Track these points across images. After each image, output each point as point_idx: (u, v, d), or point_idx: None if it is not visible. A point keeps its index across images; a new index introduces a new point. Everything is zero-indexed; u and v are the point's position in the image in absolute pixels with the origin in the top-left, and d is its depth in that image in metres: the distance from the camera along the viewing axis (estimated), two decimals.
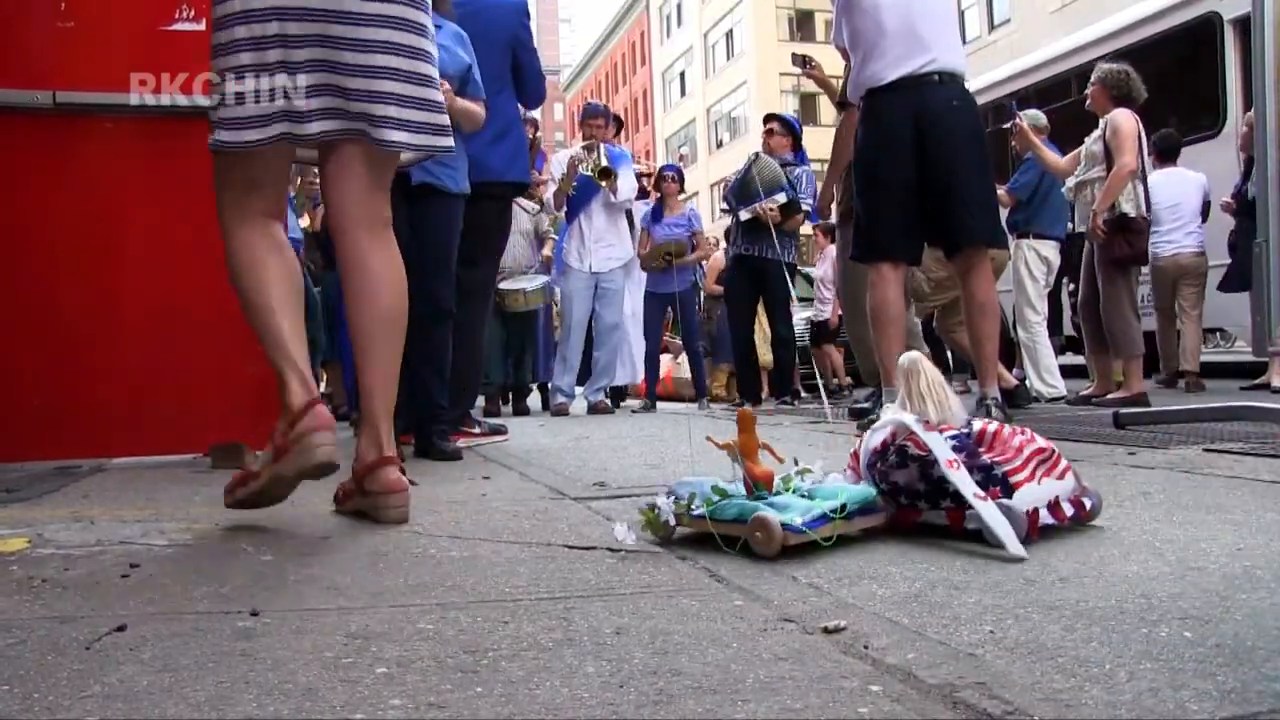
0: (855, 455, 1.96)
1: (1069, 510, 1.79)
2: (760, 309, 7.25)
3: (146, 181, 3.29)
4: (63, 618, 1.35)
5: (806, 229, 10.51)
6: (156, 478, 3.10)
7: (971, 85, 4.35)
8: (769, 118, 7.55)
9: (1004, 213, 6.42)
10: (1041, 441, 1.84)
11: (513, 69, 4.30)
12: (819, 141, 9.16)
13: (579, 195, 6.82)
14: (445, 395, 3.69)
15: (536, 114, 6.69)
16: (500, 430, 4.76)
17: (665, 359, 9.40)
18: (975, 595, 1.37)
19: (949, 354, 7.42)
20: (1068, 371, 6.71)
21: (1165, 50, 8.45)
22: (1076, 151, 5.97)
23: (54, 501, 2.55)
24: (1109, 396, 5.47)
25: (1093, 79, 5.64)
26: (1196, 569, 1.49)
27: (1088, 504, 1.83)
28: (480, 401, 6.55)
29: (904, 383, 1.92)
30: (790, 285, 6.89)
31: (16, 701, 1.02)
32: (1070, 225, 6.41)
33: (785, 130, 7.19)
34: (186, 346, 3.26)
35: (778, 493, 1.81)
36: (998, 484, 1.71)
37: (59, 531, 2.03)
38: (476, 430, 4.57)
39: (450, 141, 2.34)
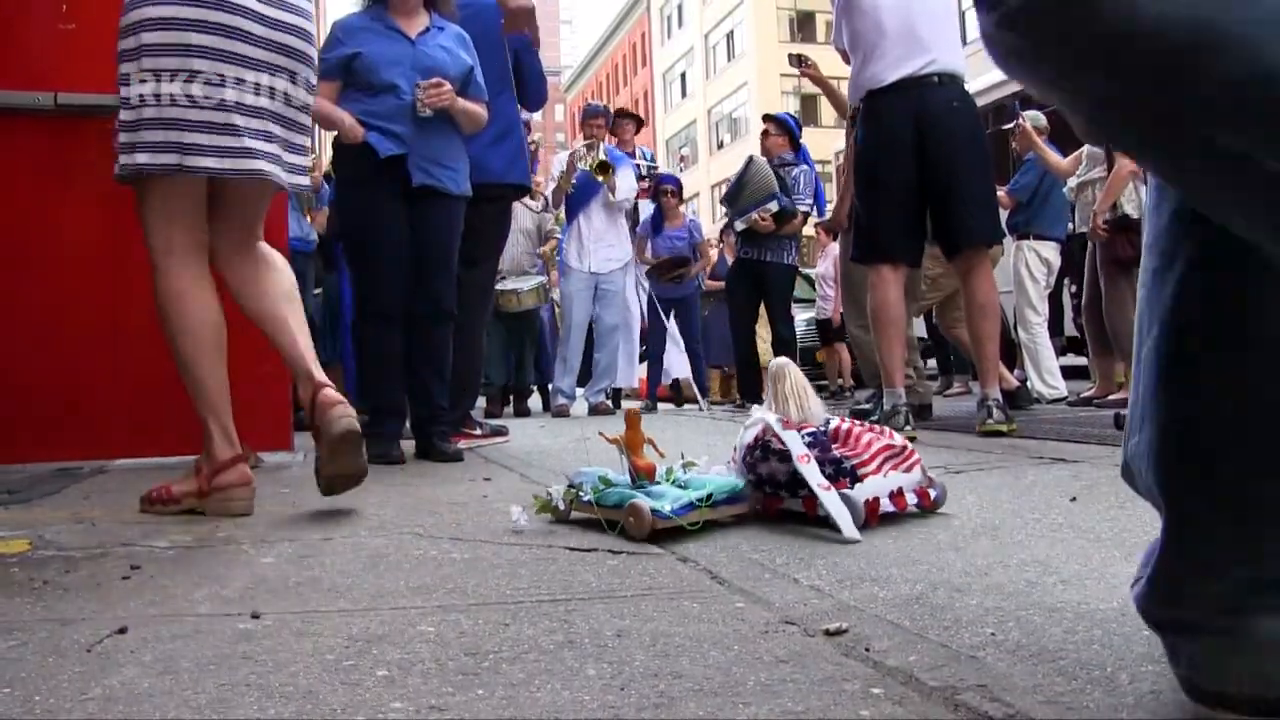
0: (734, 450, 2.18)
1: (912, 499, 2.04)
2: (762, 311, 7.26)
3: None
4: (64, 620, 1.35)
5: (808, 229, 10.51)
6: (158, 479, 3.09)
7: (972, 86, 4.35)
8: (764, 119, 7.55)
9: (1004, 214, 6.44)
10: (894, 440, 2.10)
11: (514, 70, 4.30)
12: (818, 143, 9.18)
13: (578, 194, 6.82)
14: (445, 396, 3.69)
15: (537, 117, 6.69)
16: (501, 431, 4.76)
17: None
18: (977, 598, 1.37)
19: (950, 354, 7.42)
20: (1069, 372, 6.71)
21: None
22: (1078, 152, 5.98)
23: (55, 503, 2.55)
24: (1110, 398, 5.47)
25: None
26: None
27: (932, 494, 2.07)
28: (481, 403, 6.56)
29: (771, 386, 2.21)
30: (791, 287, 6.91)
31: (18, 704, 1.02)
32: (1071, 226, 6.41)
33: (781, 130, 7.19)
34: None
35: (658, 483, 2.03)
36: (846, 475, 1.95)
37: (60, 533, 2.04)
38: (477, 432, 4.56)
39: (307, 180, 2.58)
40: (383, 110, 3.54)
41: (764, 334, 7.62)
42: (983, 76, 10.31)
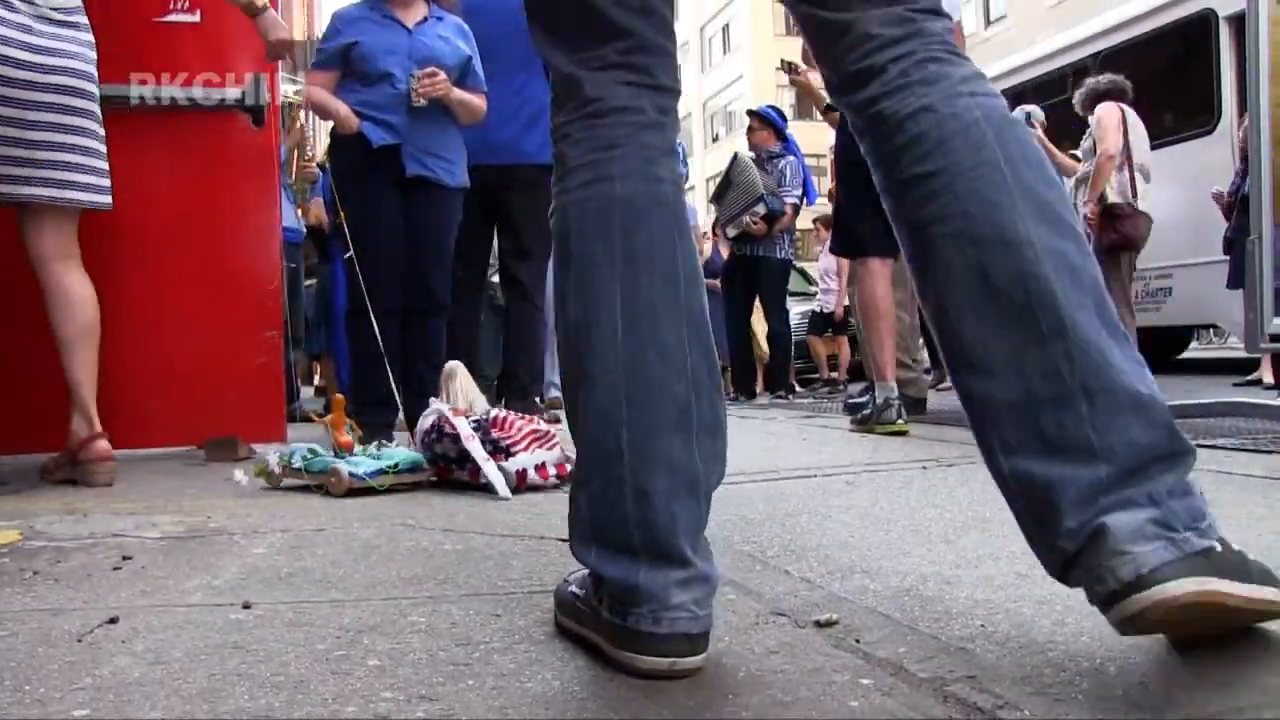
0: (414, 433, 2.79)
1: (553, 471, 2.55)
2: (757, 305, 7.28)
3: (142, 175, 3.27)
4: (54, 610, 1.35)
5: (806, 223, 10.49)
6: (150, 470, 3.09)
7: None
8: (748, 114, 7.55)
9: None
10: (540, 426, 2.66)
11: None
12: (815, 137, 9.17)
13: None
14: (438, 386, 3.69)
15: None
16: (556, 420, 4.82)
17: None
18: (967, 590, 1.38)
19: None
20: None
21: (1161, 47, 8.45)
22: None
23: (46, 494, 2.55)
24: None
25: (1078, 97, 5.71)
26: None
27: (567, 468, 2.50)
28: None
29: (445, 385, 2.89)
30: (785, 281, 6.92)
31: (7, 694, 1.02)
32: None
33: (765, 124, 7.19)
34: (181, 340, 3.25)
35: (355, 455, 2.57)
36: (501, 452, 2.51)
37: (51, 524, 2.03)
38: (545, 417, 4.68)
39: (108, 199, 2.85)
40: (378, 100, 3.53)
41: (759, 327, 7.63)
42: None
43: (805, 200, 7.14)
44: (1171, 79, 8.37)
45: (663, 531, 1.09)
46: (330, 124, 3.70)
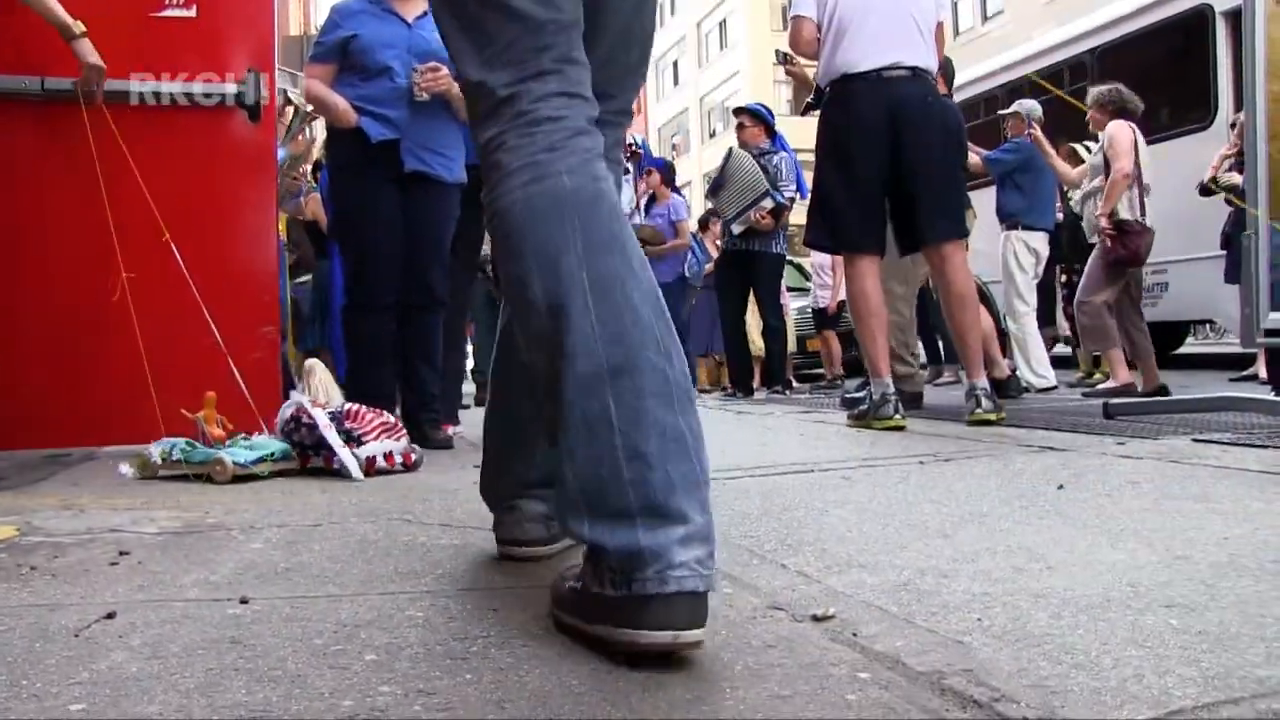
0: (273, 423, 2.98)
1: (399, 459, 2.86)
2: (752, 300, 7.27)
3: (139, 170, 3.26)
4: (51, 605, 1.35)
5: (800, 217, 10.46)
6: None
7: (962, 77, 4.36)
8: (738, 111, 7.54)
9: (991, 200, 6.50)
10: (388, 418, 2.98)
11: None
12: (811, 133, 9.10)
13: None
14: (437, 383, 3.69)
15: None
16: None
17: None
18: (963, 583, 1.38)
19: (939, 344, 7.43)
20: (1060, 362, 6.73)
21: (1157, 42, 8.45)
22: (1089, 162, 6.08)
23: (44, 489, 2.55)
24: (1101, 388, 5.51)
25: (1088, 103, 5.75)
26: (1183, 558, 1.50)
27: (413, 457, 2.92)
28: (471, 390, 6.55)
29: (305, 379, 3.15)
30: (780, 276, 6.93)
31: (4, 689, 1.02)
32: (1059, 215, 6.49)
33: (756, 121, 7.19)
34: (177, 334, 3.24)
35: (229, 446, 2.78)
36: (354, 441, 2.80)
37: (48, 519, 2.03)
38: None
39: None
40: (377, 94, 3.50)
41: (754, 322, 7.63)
42: (972, 68, 10.34)
43: (799, 194, 7.12)
44: (1168, 74, 8.37)
45: (659, 490, 1.10)
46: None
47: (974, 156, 6.07)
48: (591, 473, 1.14)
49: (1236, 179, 5.59)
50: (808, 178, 7.84)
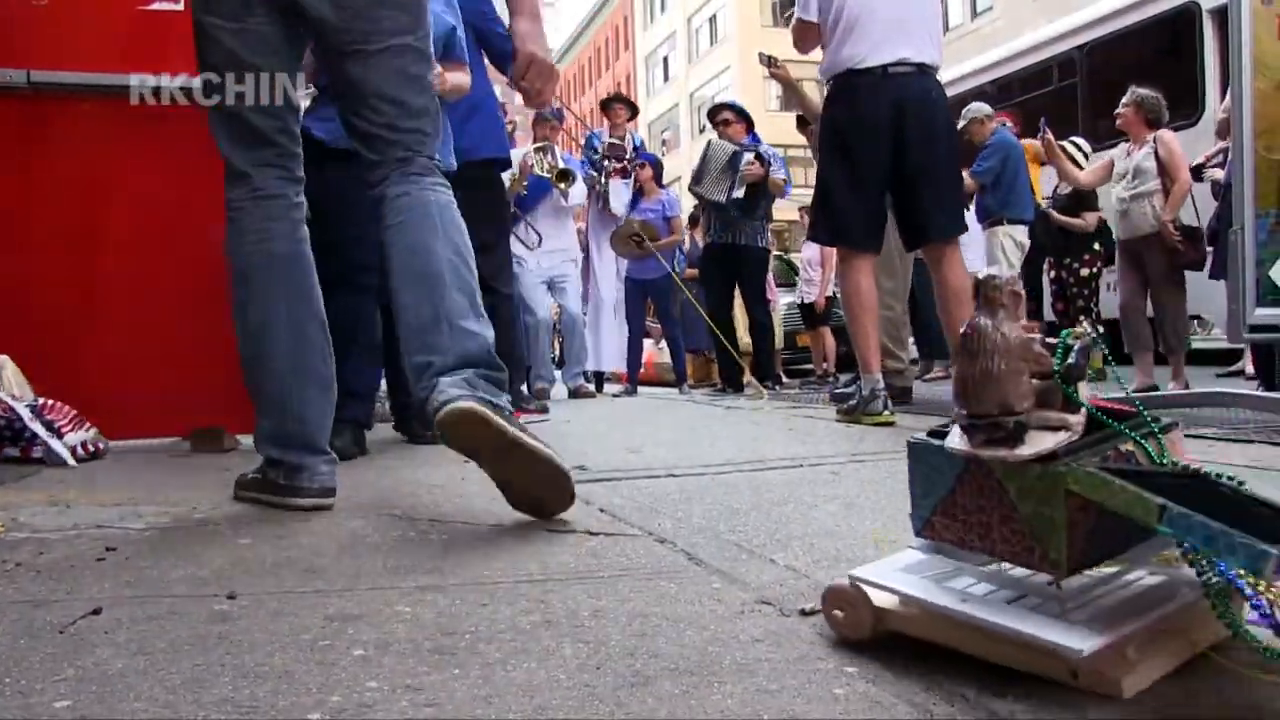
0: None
1: (92, 448, 3.05)
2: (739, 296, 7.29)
3: (125, 163, 3.24)
4: (36, 601, 1.34)
5: (792, 214, 10.47)
6: (135, 462, 3.08)
7: (954, 72, 4.36)
8: (722, 108, 7.58)
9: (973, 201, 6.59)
10: (72, 411, 3.10)
11: (488, 49, 4.25)
12: (789, 130, 9.12)
13: (529, 196, 6.76)
14: None
15: (518, 99, 6.62)
16: (544, 410, 4.98)
17: (647, 344, 9.38)
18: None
19: (931, 339, 7.45)
20: None
21: (1145, 39, 8.49)
22: (1103, 163, 6.15)
23: (30, 485, 2.53)
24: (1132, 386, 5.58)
25: (1127, 102, 5.79)
26: None
27: (101, 445, 3.12)
28: None
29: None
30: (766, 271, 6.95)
31: None
32: (1037, 206, 6.84)
33: (740, 117, 7.27)
34: (167, 330, 3.22)
35: None
36: (54, 433, 2.97)
37: (35, 515, 2.02)
38: (531, 407, 4.79)
39: None
40: None
41: (741, 319, 7.63)
42: (953, 68, 10.35)
43: (784, 184, 7.12)
44: (1156, 71, 8.41)
45: (312, 437, 2.09)
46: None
47: (968, 180, 6.13)
48: (277, 426, 2.10)
49: (1219, 174, 5.67)
50: (799, 174, 7.85)
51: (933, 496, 1.09)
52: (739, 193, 6.82)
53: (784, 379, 8.22)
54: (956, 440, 1.04)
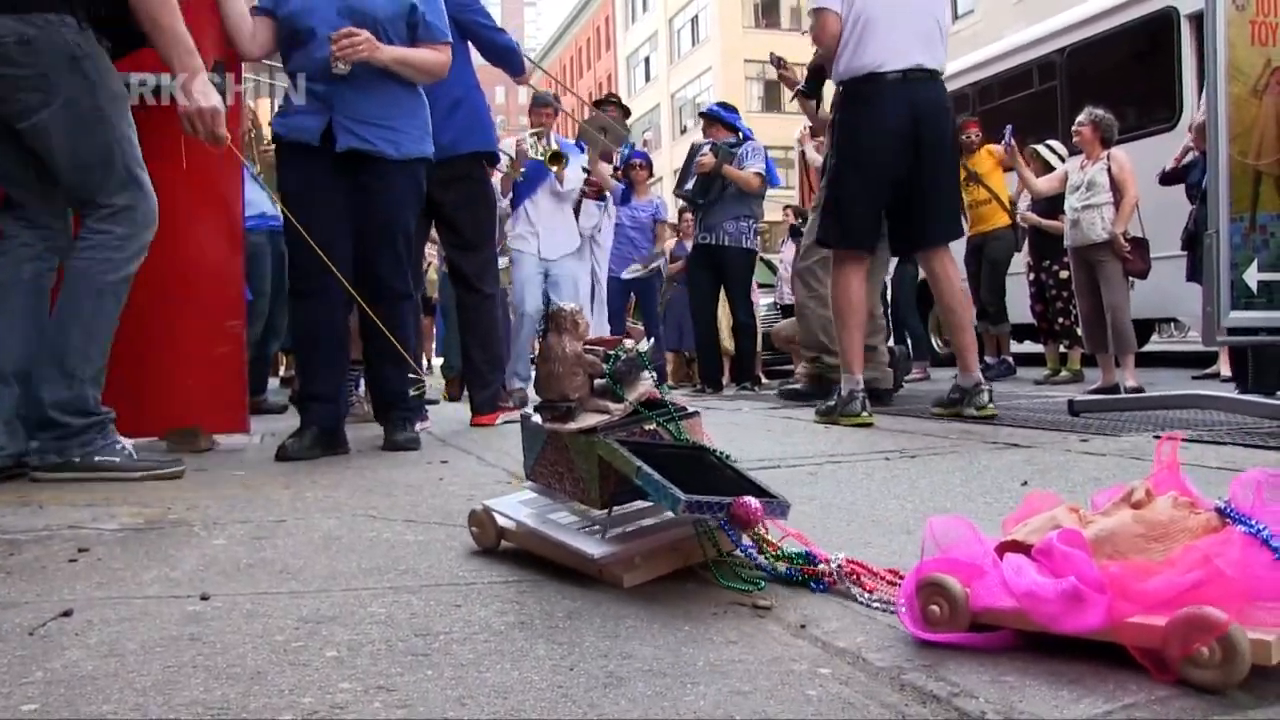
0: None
1: None
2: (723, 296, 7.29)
3: None
4: (5, 603, 1.33)
5: (776, 214, 10.49)
6: None
7: None
8: (701, 115, 7.64)
9: None
10: None
11: (479, 44, 4.24)
12: (781, 129, 9.18)
13: (526, 182, 6.74)
14: (404, 382, 3.53)
15: (499, 99, 6.58)
16: (524, 403, 4.98)
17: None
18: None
19: (908, 340, 7.48)
20: (1026, 359, 6.79)
21: (1124, 43, 8.54)
22: (1057, 174, 6.33)
23: (2, 485, 2.51)
24: (1092, 388, 5.63)
25: (1085, 120, 6.01)
26: None
27: None
28: (440, 385, 6.53)
29: None
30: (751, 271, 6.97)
31: None
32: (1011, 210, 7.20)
33: (714, 120, 7.31)
34: (143, 331, 3.20)
35: None
36: None
37: (5, 516, 2.00)
38: (510, 404, 4.80)
39: None
40: (305, 65, 3.11)
41: (725, 319, 7.64)
42: (945, 65, 10.41)
43: (768, 181, 7.09)
44: (1134, 75, 8.48)
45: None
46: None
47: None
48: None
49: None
50: (788, 175, 7.85)
51: (533, 453, 1.58)
52: (689, 185, 6.90)
53: (763, 380, 8.24)
54: (538, 417, 1.55)
